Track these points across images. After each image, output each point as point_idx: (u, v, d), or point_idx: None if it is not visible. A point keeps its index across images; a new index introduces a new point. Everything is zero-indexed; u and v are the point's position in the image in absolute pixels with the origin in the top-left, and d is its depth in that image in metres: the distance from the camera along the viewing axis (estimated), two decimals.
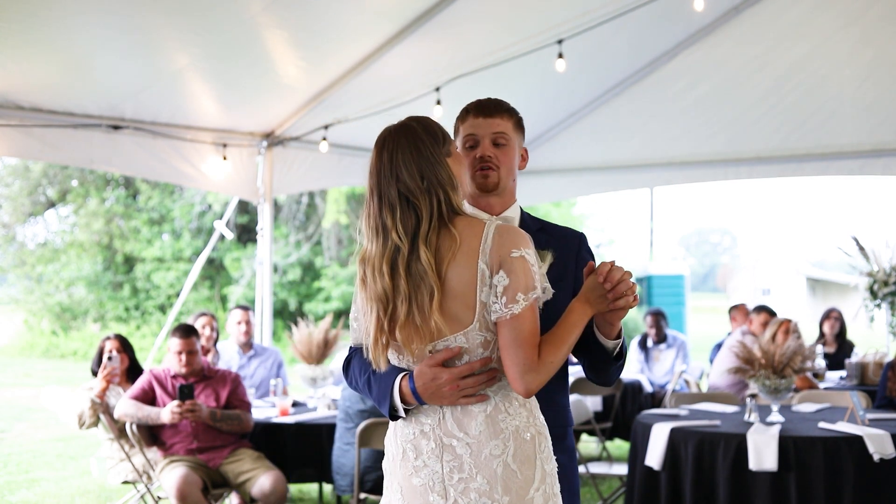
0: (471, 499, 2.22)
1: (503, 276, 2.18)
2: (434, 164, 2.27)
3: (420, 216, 2.23)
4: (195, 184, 7.23)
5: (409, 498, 2.30)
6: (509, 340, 2.18)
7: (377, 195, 2.27)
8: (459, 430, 2.25)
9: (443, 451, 2.25)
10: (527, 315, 2.18)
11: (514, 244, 2.21)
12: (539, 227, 2.59)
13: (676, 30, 7.47)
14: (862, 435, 4.54)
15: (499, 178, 2.56)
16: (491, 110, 2.59)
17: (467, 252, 2.21)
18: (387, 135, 2.32)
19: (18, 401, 12.74)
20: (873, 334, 8.71)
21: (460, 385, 2.22)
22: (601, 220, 43.31)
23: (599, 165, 8.86)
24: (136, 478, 5.51)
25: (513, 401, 2.26)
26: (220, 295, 20.11)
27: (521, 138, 2.64)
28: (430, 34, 6.24)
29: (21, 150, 6.29)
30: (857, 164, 7.72)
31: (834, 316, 8.48)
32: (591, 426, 6.27)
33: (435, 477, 2.26)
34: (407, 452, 2.31)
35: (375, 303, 2.25)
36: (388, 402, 2.30)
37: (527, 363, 2.18)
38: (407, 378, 2.27)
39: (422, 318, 2.20)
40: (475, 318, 2.21)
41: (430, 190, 2.24)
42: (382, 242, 2.24)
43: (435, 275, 2.20)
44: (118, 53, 5.75)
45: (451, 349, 2.23)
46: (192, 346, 5.33)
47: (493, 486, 2.21)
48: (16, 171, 21.16)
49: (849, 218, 74.58)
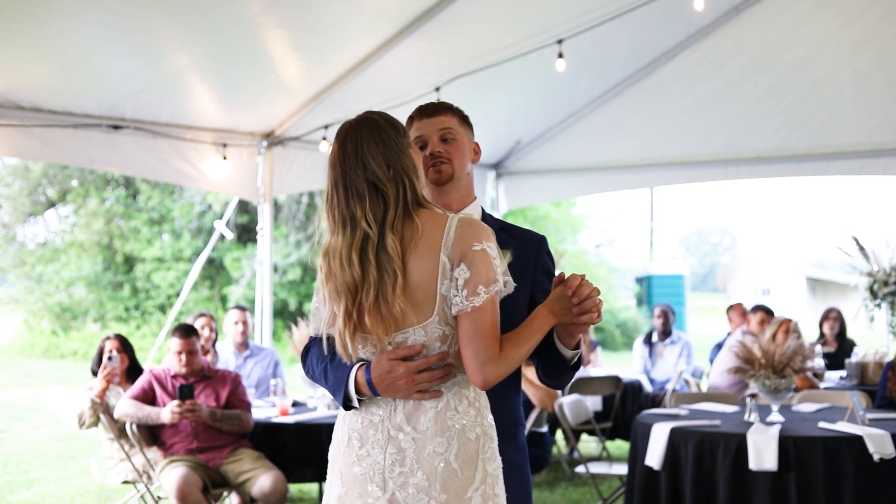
0: (409, 493, 2.23)
1: (464, 269, 2.20)
2: (399, 153, 2.30)
3: (388, 203, 2.25)
4: (195, 184, 7.23)
5: (348, 485, 2.31)
6: (470, 332, 2.20)
7: (342, 186, 2.28)
8: (408, 423, 2.26)
9: (388, 442, 2.27)
10: (488, 307, 2.20)
11: (476, 237, 2.22)
12: (500, 227, 2.61)
13: (676, 30, 7.48)
14: (862, 435, 4.54)
15: (452, 169, 2.60)
16: (433, 110, 2.65)
17: (429, 244, 2.23)
18: (348, 127, 2.35)
19: (18, 401, 12.74)
20: (873, 334, 8.71)
21: (416, 379, 2.23)
22: (601, 220, 43.33)
23: (599, 165, 8.86)
24: (136, 478, 5.51)
25: (463, 399, 2.27)
26: (220, 295, 20.10)
27: (469, 133, 2.69)
28: (430, 34, 6.25)
29: (21, 150, 6.29)
30: (857, 164, 7.72)
31: (833, 316, 8.48)
32: (591, 426, 6.27)
33: (376, 467, 2.27)
34: (352, 441, 2.32)
35: (343, 294, 2.25)
36: (342, 392, 2.32)
37: (487, 354, 2.20)
38: (363, 368, 2.29)
39: (386, 305, 2.21)
40: (434, 311, 2.23)
41: (396, 178, 2.27)
42: (350, 232, 2.25)
43: (400, 261, 2.21)
44: (118, 53, 5.75)
45: (412, 347, 2.24)
46: (192, 346, 5.33)
47: (432, 482, 2.22)
48: (16, 171, 21.15)
49: (849, 218, 74.60)
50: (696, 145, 8.26)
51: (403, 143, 2.33)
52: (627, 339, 23.10)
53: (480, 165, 9.01)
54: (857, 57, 7.25)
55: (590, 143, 8.64)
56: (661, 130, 8.38)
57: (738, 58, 7.62)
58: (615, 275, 26.90)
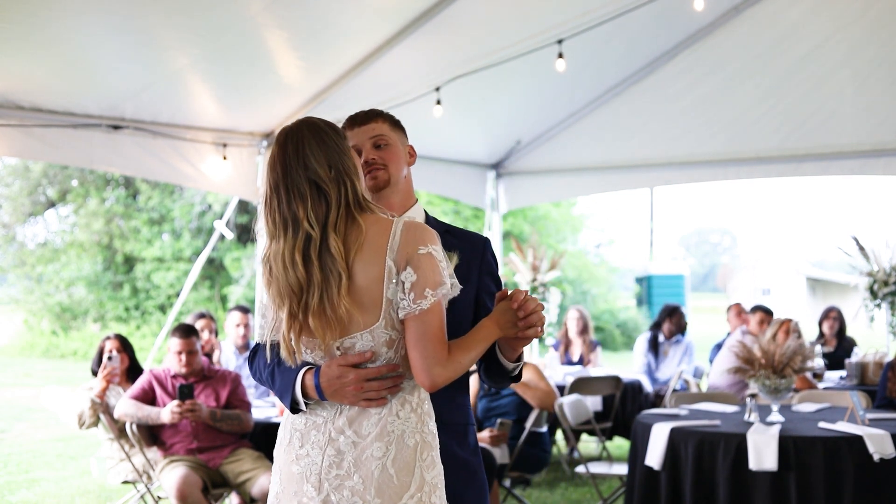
0: (343, 496, 2.23)
1: (410, 273, 2.20)
2: (340, 154, 2.29)
3: (330, 204, 2.24)
4: (195, 184, 7.23)
5: (285, 483, 2.32)
6: (418, 335, 2.20)
7: (283, 188, 2.27)
8: (350, 427, 2.26)
9: (328, 444, 2.27)
10: (435, 310, 2.21)
11: (421, 241, 2.22)
12: (445, 230, 2.63)
13: (676, 30, 7.48)
14: (862, 435, 4.54)
15: (388, 174, 2.63)
16: (363, 119, 2.67)
17: (374, 248, 2.22)
18: (288, 130, 2.34)
19: (18, 401, 12.73)
20: (873, 334, 8.71)
21: (364, 387, 2.24)
22: (601, 220, 43.33)
23: (599, 165, 8.85)
24: (136, 478, 5.51)
25: (406, 405, 2.27)
26: (220, 295, 20.11)
27: (402, 136, 2.71)
28: (430, 34, 6.24)
29: (21, 150, 6.29)
30: (857, 164, 7.72)
31: (833, 315, 8.49)
32: (591, 426, 6.27)
33: (313, 468, 2.27)
34: (293, 440, 2.33)
35: (287, 296, 2.24)
36: (290, 395, 2.33)
37: (436, 357, 2.20)
38: (312, 372, 2.30)
39: (331, 306, 2.20)
40: (381, 316, 2.22)
41: (338, 179, 2.27)
42: (292, 234, 2.24)
43: (343, 262, 2.21)
44: (118, 53, 5.75)
45: (363, 354, 2.24)
46: (191, 346, 5.33)
47: (367, 486, 2.22)
48: (16, 171, 21.15)
49: (849, 218, 74.57)
50: (696, 145, 8.25)
51: (344, 146, 2.32)
52: (627, 339, 23.09)
53: (480, 165, 9.01)
54: (857, 57, 7.25)
55: (590, 143, 8.64)
56: (660, 130, 8.38)
57: (738, 58, 7.62)
58: (615, 275, 26.90)
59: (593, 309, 22.46)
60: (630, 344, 21.97)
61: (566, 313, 8.67)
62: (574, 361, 8.34)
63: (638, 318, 24.04)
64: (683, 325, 8.41)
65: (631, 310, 24.88)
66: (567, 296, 21.12)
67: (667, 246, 69.59)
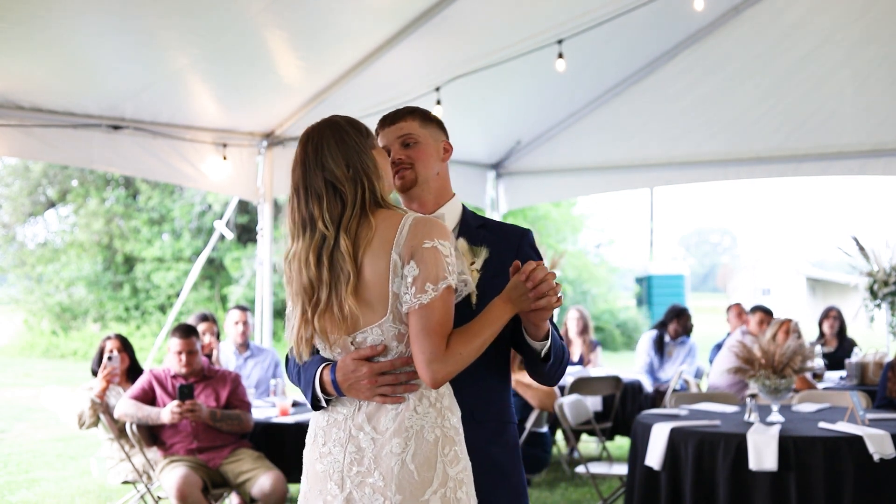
0: (364, 493, 2.24)
1: (413, 267, 2.20)
2: (359, 153, 2.30)
3: (345, 204, 2.25)
4: (195, 184, 7.23)
5: (311, 482, 2.35)
6: (417, 330, 2.20)
7: (302, 188, 2.29)
8: (369, 423, 2.27)
9: (349, 441, 2.28)
10: (436, 305, 2.19)
11: (427, 235, 2.22)
12: (480, 224, 2.61)
13: (676, 30, 7.48)
14: (862, 435, 4.55)
15: (415, 174, 2.59)
16: (393, 118, 2.66)
17: (382, 243, 2.23)
18: (311, 130, 2.36)
19: (18, 401, 12.73)
20: (873, 334, 8.71)
21: (378, 381, 2.24)
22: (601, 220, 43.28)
23: (599, 165, 8.85)
24: (136, 478, 5.51)
25: (424, 399, 2.26)
26: (220, 295, 20.10)
27: (436, 132, 2.66)
28: (430, 34, 6.24)
29: (21, 150, 6.29)
30: (857, 164, 7.72)
31: (833, 315, 8.49)
32: (591, 426, 6.27)
33: (336, 465, 2.28)
34: (317, 438, 2.35)
35: (301, 296, 2.27)
36: (311, 392, 2.35)
37: (433, 352, 2.19)
38: (329, 368, 2.31)
39: (338, 305, 2.22)
40: (388, 310, 2.23)
41: (355, 178, 2.27)
42: (310, 235, 2.26)
43: (352, 261, 2.22)
44: (118, 53, 5.75)
45: (374, 347, 2.25)
46: (191, 346, 5.33)
47: (387, 483, 2.22)
48: (16, 171, 21.14)
49: (849, 218, 74.56)
50: (696, 145, 8.26)
51: (366, 144, 2.32)
52: (627, 339, 23.08)
53: (480, 165, 9.01)
54: (857, 57, 7.25)
55: (590, 143, 8.64)
56: (660, 130, 8.38)
57: (738, 58, 7.62)
58: (615, 275, 26.87)
59: (593, 309, 22.45)
60: (630, 344, 21.98)
61: (566, 313, 8.67)
62: (574, 362, 8.34)
63: (638, 318, 24.03)
64: (690, 327, 8.41)
65: (631, 310, 24.86)
66: (567, 296, 21.13)
67: (667, 246, 69.61)
